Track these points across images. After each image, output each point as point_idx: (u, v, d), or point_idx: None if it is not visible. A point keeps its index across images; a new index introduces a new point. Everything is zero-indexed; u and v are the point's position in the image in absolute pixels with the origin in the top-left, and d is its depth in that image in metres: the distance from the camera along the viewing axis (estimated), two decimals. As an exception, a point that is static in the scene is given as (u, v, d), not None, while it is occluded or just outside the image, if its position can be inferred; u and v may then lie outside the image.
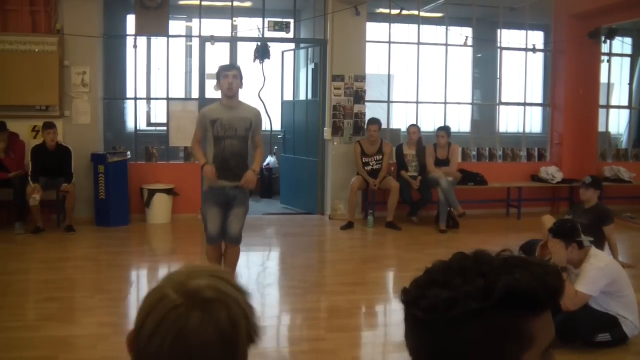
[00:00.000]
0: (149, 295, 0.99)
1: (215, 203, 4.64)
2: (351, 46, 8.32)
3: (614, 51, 9.58)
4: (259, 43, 8.34)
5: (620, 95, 10.49)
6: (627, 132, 10.59)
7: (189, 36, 9.63)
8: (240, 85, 4.72)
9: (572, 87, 9.09)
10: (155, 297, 0.97)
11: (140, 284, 5.47)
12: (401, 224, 7.76)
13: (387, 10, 8.66)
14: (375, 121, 7.90)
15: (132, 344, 0.97)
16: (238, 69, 4.75)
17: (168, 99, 8.37)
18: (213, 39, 8.18)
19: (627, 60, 10.28)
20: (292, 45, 9.41)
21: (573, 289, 3.83)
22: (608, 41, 8.98)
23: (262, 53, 8.31)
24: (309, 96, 8.86)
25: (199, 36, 8.29)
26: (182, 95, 9.45)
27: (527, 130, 9.75)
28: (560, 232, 3.96)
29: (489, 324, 0.83)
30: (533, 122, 10.66)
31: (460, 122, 10.39)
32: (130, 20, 8.49)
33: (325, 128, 8.40)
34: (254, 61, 8.43)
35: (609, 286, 3.86)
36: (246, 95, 10.30)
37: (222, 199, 4.64)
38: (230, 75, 4.64)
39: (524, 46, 9.43)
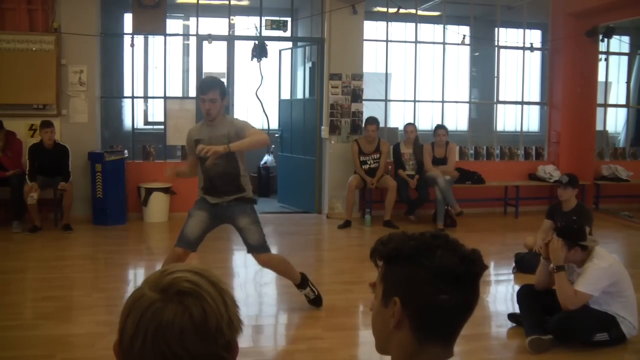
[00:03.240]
0: (128, 299, 0.99)
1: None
2: (348, 45, 8.32)
3: (611, 50, 9.60)
4: (256, 42, 8.33)
5: (617, 93, 10.52)
6: (624, 131, 10.62)
7: (186, 35, 9.61)
8: (222, 105, 4.18)
9: (569, 85, 9.09)
10: (133, 298, 0.97)
11: (137, 283, 5.44)
12: (399, 222, 7.76)
13: (384, 9, 8.65)
14: (373, 120, 7.90)
15: (117, 350, 0.97)
16: (218, 88, 4.12)
17: (165, 97, 8.36)
18: (210, 37, 8.17)
19: (625, 58, 10.30)
20: (289, 44, 9.41)
21: (572, 289, 3.79)
22: (606, 40, 8.97)
23: (259, 52, 8.30)
24: (307, 95, 8.85)
25: (197, 35, 8.27)
26: (180, 94, 9.42)
27: (524, 129, 9.75)
28: (565, 233, 3.87)
29: None
30: (531, 120, 10.67)
31: (458, 120, 10.40)
32: (128, 18, 8.48)
33: (322, 127, 8.40)
34: (252, 60, 8.42)
35: (611, 287, 3.82)
36: (244, 94, 10.34)
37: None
38: (207, 101, 4.08)
39: (521, 45, 9.44)
